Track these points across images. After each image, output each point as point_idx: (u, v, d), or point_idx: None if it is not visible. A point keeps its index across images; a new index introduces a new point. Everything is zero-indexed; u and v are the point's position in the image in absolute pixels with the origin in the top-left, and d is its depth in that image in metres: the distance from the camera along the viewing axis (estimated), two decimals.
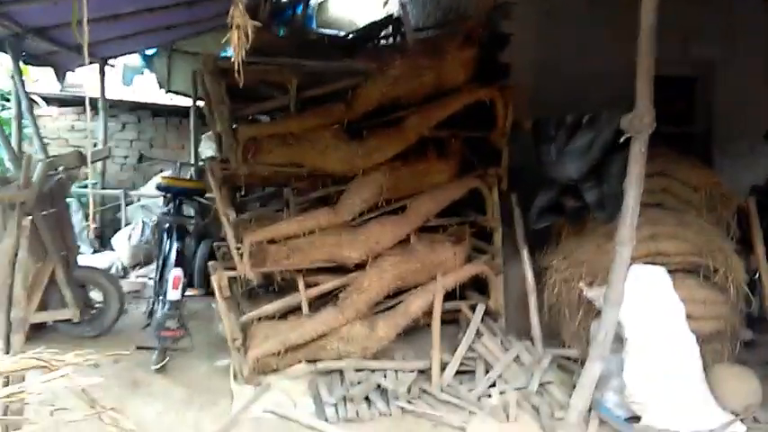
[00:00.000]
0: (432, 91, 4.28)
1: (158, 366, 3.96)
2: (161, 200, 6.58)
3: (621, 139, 3.16)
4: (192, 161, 7.11)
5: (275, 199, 5.13)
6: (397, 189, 4.31)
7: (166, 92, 8.63)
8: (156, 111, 9.07)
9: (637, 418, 3.28)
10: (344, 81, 4.27)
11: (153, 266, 5.94)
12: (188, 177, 6.57)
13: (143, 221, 6.67)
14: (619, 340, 3.39)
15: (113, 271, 6.30)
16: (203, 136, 7.57)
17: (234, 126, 4.14)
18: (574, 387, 3.39)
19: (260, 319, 4.11)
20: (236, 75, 2.30)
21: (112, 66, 7.40)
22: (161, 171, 7.92)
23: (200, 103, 6.74)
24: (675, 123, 4.82)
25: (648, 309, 3.37)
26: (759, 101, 4.76)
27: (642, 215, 3.32)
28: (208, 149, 7.34)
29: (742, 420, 3.29)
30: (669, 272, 3.54)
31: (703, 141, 4.99)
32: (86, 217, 7.07)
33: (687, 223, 3.82)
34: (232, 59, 2.40)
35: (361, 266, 4.19)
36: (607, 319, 3.28)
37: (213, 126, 4.57)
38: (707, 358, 3.57)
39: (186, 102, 8.26)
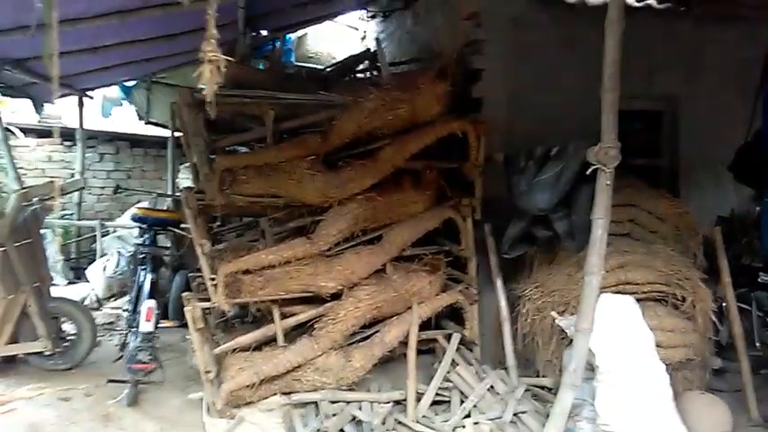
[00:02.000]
0: (406, 123, 4.37)
1: (130, 400, 3.90)
2: (137, 231, 6.56)
3: (588, 171, 3.26)
4: (170, 192, 7.10)
5: (251, 229, 5.13)
6: (372, 219, 4.36)
7: (145, 123, 8.66)
8: (135, 142, 9.08)
9: None
10: (321, 113, 4.35)
11: (127, 298, 5.89)
12: (165, 208, 6.55)
13: (118, 252, 6.61)
14: (591, 369, 3.44)
15: (88, 302, 6.22)
16: (181, 167, 7.58)
17: (211, 157, 4.17)
18: (547, 416, 3.42)
19: (234, 350, 4.09)
20: (208, 108, 2.34)
21: (91, 97, 7.41)
22: (138, 202, 7.89)
23: (179, 135, 6.80)
24: (642, 156, 4.96)
25: (618, 337, 3.43)
26: (722, 134, 4.92)
27: (611, 245, 3.41)
28: (186, 180, 7.35)
29: None
30: (638, 300, 3.62)
31: (670, 173, 5.13)
32: (61, 248, 7.00)
33: (655, 253, 3.92)
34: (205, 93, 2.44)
35: (336, 296, 4.20)
36: (578, 347, 3.33)
37: (190, 157, 4.60)
38: (677, 386, 3.63)
39: (165, 133, 8.29)
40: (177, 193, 6.84)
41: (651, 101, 5.10)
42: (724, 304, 4.07)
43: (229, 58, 2.04)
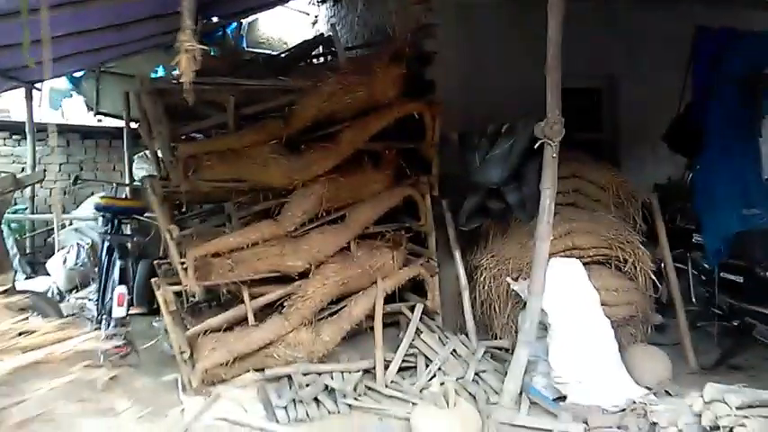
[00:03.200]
0: (364, 106, 4.54)
1: (104, 384, 3.98)
2: (95, 222, 6.52)
3: (536, 146, 3.53)
4: (127, 181, 7.06)
5: (214, 215, 5.23)
6: (336, 200, 4.53)
7: (95, 114, 8.52)
8: (86, 133, 8.92)
9: (563, 398, 3.61)
10: (281, 99, 4.47)
11: (91, 289, 5.89)
12: (124, 197, 6.54)
13: (78, 244, 6.56)
14: (544, 328, 3.74)
15: (49, 295, 6.17)
16: (136, 157, 7.53)
17: (172, 144, 4.24)
18: (506, 374, 3.71)
19: (206, 332, 4.21)
20: (185, 97, 2.45)
21: (39, 89, 7.25)
22: (92, 194, 7.81)
23: (134, 124, 6.77)
24: (586, 130, 5.28)
25: (567, 297, 3.74)
26: (658, 108, 5.27)
27: (558, 213, 3.70)
28: (140, 170, 7.32)
29: (655, 394, 3.66)
30: (584, 264, 3.93)
31: (611, 145, 5.48)
32: (17, 243, 6.88)
33: (598, 219, 4.24)
34: (171, 80, 2.55)
35: (304, 275, 4.37)
36: (531, 308, 3.62)
37: (150, 145, 4.66)
38: (622, 341, 3.97)
39: (116, 123, 8.19)
40: (134, 183, 6.83)
41: (592, 79, 5.42)
42: (663, 265, 4.43)
43: (204, 47, 2.16)
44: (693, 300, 4.69)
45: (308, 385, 3.93)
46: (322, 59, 6.18)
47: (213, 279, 4.17)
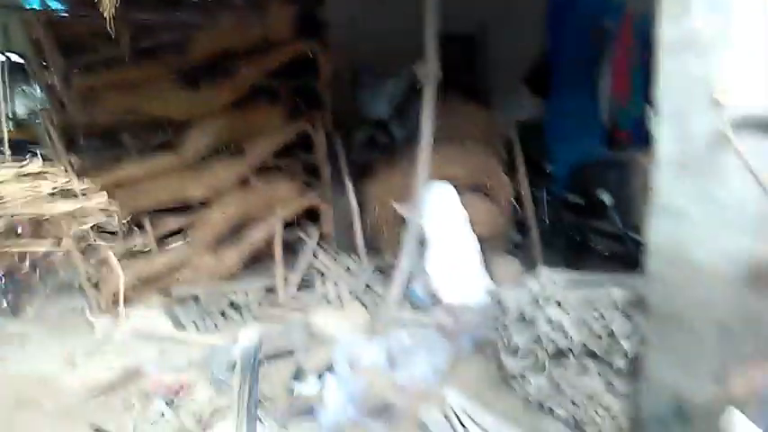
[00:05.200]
0: (259, 43, 4.79)
1: (14, 309, 4.12)
2: None
3: (417, 86, 4.04)
4: (10, 115, 6.76)
5: (111, 149, 5.29)
6: (234, 133, 4.82)
7: None
8: None
9: (438, 300, 4.29)
10: (176, 33, 4.59)
11: None
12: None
13: None
14: (423, 244, 4.37)
15: None
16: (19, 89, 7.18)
17: (69, 76, 4.28)
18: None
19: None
20: (109, 27, 2.64)
21: None
22: None
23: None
24: (461, 73, 5.84)
25: (443, 217, 4.38)
26: (525, 54, 5.94)
27: (437, 146, 4.27)
28: (21, 105, 7.02)
29: None
30: (457, 189, 4.56)
31: (483, 87, 6.12)
32: None
33: (469, 151, 4.88)
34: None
35: (206, 204, 4.67)
36: (412, 227, 4.23)
37: (41, 78, 4.62)
38: (487, 254, 4.70)
39: None
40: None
41: (467, 25, 5.95)
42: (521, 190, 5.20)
43: None
44: (546, 220, 5.53)
45: (214, 302, 4.33)
46: None
47: (116, 208, 4.36)
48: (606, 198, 4.46)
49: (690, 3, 2.13)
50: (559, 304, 2.84)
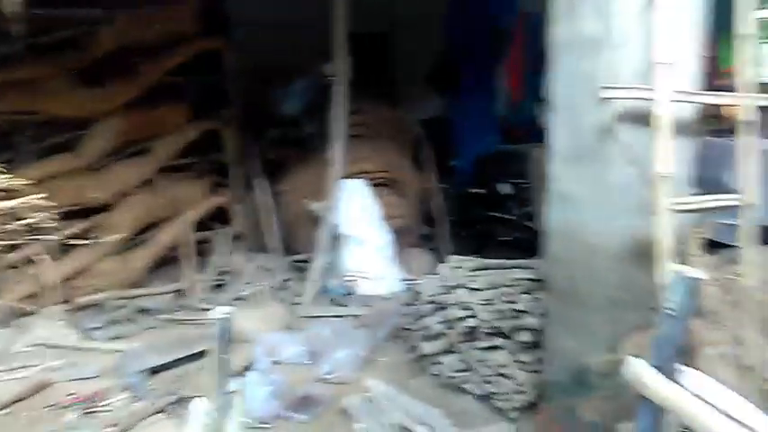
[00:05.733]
0: (162, 40, 4.66)
1: None
2: None
3: (329, 84, 4.11)
4: None
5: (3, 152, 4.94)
6: (137, 132, 4.65)
7: None
8: None
9: (353, 293, 4.39)
10: (75, 29, 4.37)
11: None
12: None
13: None
14: (337, 239, 4.45)
15: None
16: None
17: None
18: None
19: (11, 267, 4.13)
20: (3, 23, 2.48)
21: None
22: None
23: None
24: (372, 72, 5.95)
25: (356, 213, 4.48)
26: (432, 53, 6.15)
27: (348, 143, 4.36)
28: None
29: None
30: (369, 185, 4.69)
31: (392, 85, 6.27)
32: None
33: (380, 148, 5.01)
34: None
35: (109, 207, 4.48)
36: (327, 222, 4.30)
37: None
38: (400, 246, 4.85)
39: None
40: None
41: (376, 25, 6.08)
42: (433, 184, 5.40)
43: None
44: (453, 212, 5.77)
45: (121, 308, 4.17)
46: None
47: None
48: (505, 189, 4.76)
49: (577, 6, 2.35)
50: (469, 288, 3.02)
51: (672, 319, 1.45)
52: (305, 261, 4.79)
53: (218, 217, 5.21)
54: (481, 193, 5.22)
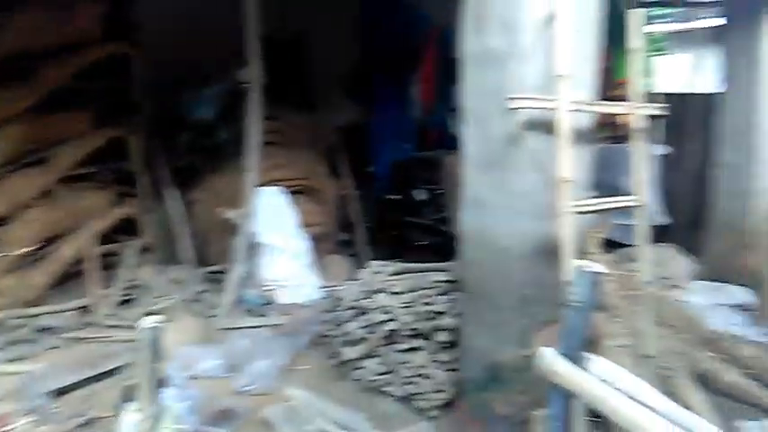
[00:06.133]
0: (63, 43, 4.41)
1: None
2: None
3: (243, 90, 4.06)
4: None
5: None
6: (36, 141, 4.37)
7: None
8: None
9: (271, 302, 4.34)
10: None
11: None
12: None
13: None
14: (254, 248, 4.39)
15: None
16: None
17: None
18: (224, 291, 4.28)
19: None
20: None
21: None
22: None
23: None
24: (287, 78, 5.90)
25: (274, 220, 4.44)
26: (343, 59, 6.19)
27: (264, 150, 4.31)
28: None
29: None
30: (285, 193, 4.65)
31: (307, 92, 6.25)
32: None
33: (296, 155, 5.00)
34: None
35: (5, 221, 4.18)
36: (244, 231, 4.23)
37: None
38: (318, 254, 4.85)
39: None
40: None
41: (288, 31, 6.04)
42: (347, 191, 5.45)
43: None
44: (370, 218, 5.85)
45: (22, 327, 3.90)
46: None
47: None
48: (421, 194, 4.90)
49: (485, 22, 2.49)
50: (389, 292, 3.09)
51: (577, 310, 1.57)
52: (220, 272, 4.68)
53: (126, 228, 4.98)
54: (398, 198, 5.33)
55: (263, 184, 4.50)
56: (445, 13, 3.20)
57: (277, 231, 4.43)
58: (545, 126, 2.44)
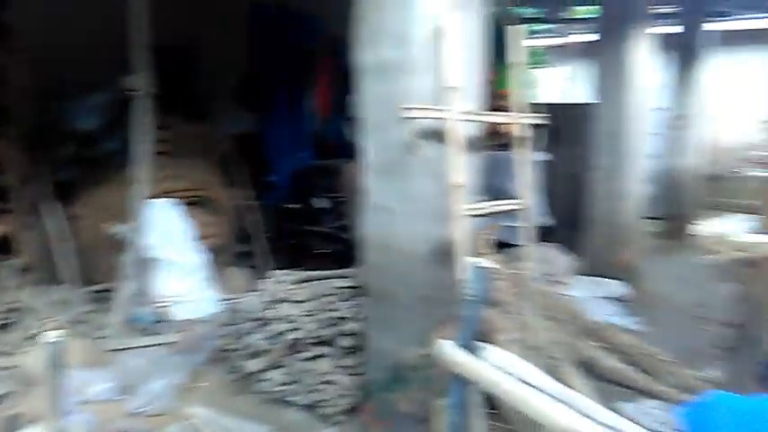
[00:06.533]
0: None
1: None
2: None
3: (129, 99, 3.88)
4: None
5: None
6: None
7: None
8: None
9: (165, 320, 4.15)
10: None
11: None
12: None
13: None
14: (145, 263, 4.19)
15: None
16: None
17: None
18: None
19: None
20: None
21: None
22: None
23: None
24: (179, 86, 5.69)
25: (167, 234, 4.27)
26: (234, 68, 6.08)
27: (154, 161, 4.14)
28: None
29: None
30: (178, 205, 4.49)
31: (200, 101, 6.05)
32: None
33: (188, 166, 4.83)
34: None
35: None
36: (134, 246, 4.03)
37: None
38: (216, 266, 4.72)
39: None
40: None
41: (179, 39, 5.84)
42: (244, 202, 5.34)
43: None
44: (270, 228, 5.76)
45: None
46: None
47: None
48: (319, 203, 4.91)
49: (379, 35, 2.58)
50: (292, 301, 3.08)
51: (472, 303, 1.68)
52: (107, 291, 4.41)
53: (2, 247, 4.57)
54: (297, 207, 5.31)
55: (153, 196, 4.31)
56: (339, 22, 3.26)
57: (170, 245, 4.27)
58: (437, 135, 2.57)
